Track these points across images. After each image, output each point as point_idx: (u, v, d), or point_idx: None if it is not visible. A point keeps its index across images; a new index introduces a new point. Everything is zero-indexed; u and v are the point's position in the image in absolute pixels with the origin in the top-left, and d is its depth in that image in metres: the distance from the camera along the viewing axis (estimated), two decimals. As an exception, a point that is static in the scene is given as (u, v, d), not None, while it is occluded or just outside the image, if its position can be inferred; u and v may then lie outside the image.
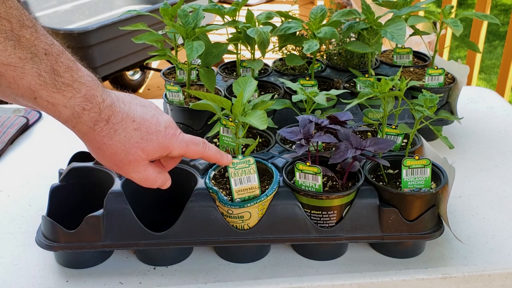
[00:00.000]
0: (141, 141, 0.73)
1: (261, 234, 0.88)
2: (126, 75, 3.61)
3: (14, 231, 0.99)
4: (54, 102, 0.66)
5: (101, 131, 0.70)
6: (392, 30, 1.13)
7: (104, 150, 0.72)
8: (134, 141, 0.72)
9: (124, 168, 0.74)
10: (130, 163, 0.74)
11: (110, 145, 0.71)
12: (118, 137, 0.71)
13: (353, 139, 0.89)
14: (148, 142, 0.73)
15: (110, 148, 0.71)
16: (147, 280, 0.88)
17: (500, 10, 5.00)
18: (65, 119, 0.68)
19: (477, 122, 1.40)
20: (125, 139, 0.72)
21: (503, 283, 0.91)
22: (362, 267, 0.91)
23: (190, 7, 1.18)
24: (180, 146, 0.77)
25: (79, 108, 0.67)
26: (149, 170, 0.76)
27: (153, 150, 0.74)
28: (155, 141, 0.74)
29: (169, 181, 0.81)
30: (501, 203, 1.07)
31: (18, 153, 1.27)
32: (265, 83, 1.27)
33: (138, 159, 0.74)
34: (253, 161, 0.86)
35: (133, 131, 0.72)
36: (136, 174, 0.75)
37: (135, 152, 0.73)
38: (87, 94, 0.68)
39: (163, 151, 0.76)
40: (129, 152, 0.73)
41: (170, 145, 0.76)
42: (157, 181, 0.78)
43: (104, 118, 0.70)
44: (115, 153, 0.72)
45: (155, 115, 0.76)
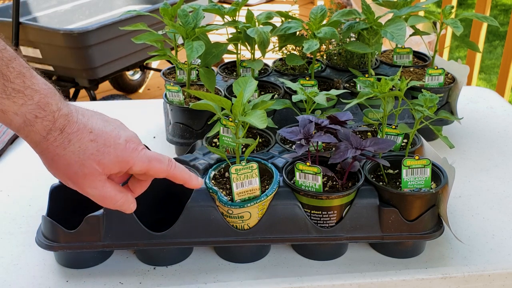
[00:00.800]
0: (97, 153, 0.69)
1: (261, 234, 0.88)
2: (126, 75, 3.61)
3: (14, 231, 0.99)
4: (3, 109, 0.63)
5: (54, 140, 0.67)
6: (392, 30, 1.13)
7: (57, 161, 0.68)
8: (89, 152, 0.69)
9: (79, 182, 0.70)
10: (85, 177, 0.69)
11: (63, 156, 0.68)
12: (72, 148, 0.68)
13: (353, 139, 0.89)
14: (105, 154, 0.69)
15: (63, 159, 0.68)
16: (147, 280, 0.88)
17: (500, 10, 5.00)
18: (17, 128, 0.66)
19: (477, 122, 1.40)
20: (80, 150, 0.68)
21: (503, 283, 0.91)
22: (362, 267, 0.91)
23: (190, 7, 1.18)
24: (141, 161, 0.72)
25: (31, 116, 0.65)
26: (107, 187, 0.72)
27: (110, 164, 0.70)
28: (112, 154, 0.70)
29: (133, 205, 0.76)
30: (501, 203, 1.07)
31: (18, 153, 1.27)
32: (265, 83, 1.27)
33: (94, 173, 0.69)
34: (256, 166, 0.86)
35: (88, 142, 0.69)
36: (93, 190, 0.71)
37: (90, 164, 0.69)
38: (41, 101, 0.65)
39: (121, 165, 0.71)
40: (84, 164, 0.69)
41: (130, 160, 0.71)
42: (117, 200, 0.73)
43: (58, 127, 0.67)
44: (69, 164, 0.68)
45: (116, 129, 0.72)
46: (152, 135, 1.32)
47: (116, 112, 1.48)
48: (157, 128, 1.34)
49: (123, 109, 1.51)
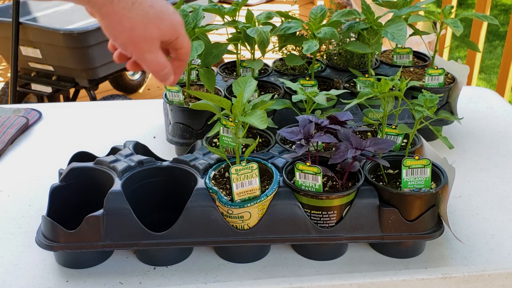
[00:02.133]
0: (156, 18, 0.74)
1: (261, 234, 0.88)
2: (126, 75, 3.60)
3: (14, 231, 0.99)
4: None
5: (119, 2, 0.71)
6: (393, 30, 1.13)
7: (123, 23, 0.72)
8: (151, 17, 0.73)
9: (140, 46, 0.75)
10: (146, 40, 0.74)
11: (129, 18, 0.72)
12: (136, 11, 0.72)
13: (353, 139, 0.89)
14: (163, 20, 0.75)
15: (129, 21, 0.72)
16: (147, 280, 0.88)
17: (500, 10, 5.00)
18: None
19: (477, 122, 1.40)
20: (143, 13, 0.73)
21: (503, 283, 0.91)
22: (362, 267, 0.91)
23: (190, 7, 1.18)
24: (184, 36, 0.79)
25: None
26: (161, 54, 0.77)
27: (166, 30, 0.75)
28: (167, 21, 0.75)
29: (172, 76, 0.81)
30: (501, 203, 1.07)
31: (18, 153, 1.27)
32: (265, 83, 1.27)
33: (154, 37, 0.75)
34: (256, 166, 0.87)
35: (149, 7, 0.73)
36: (150, 54, 0.76)
37: (151, 28, 0.74)
38: None
39: (173, 33, 0.77)
40: (146, 27, 0.73)
41: (179, 29, 0.77)
42: (166, 67, 0.79)
43: None
44: (134, 27, 0.73)
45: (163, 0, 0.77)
46: (152, 135, 1.32)
47: (116, 112, 1.48)
48: (157, 128, 1.34)
49: (123, 109, 1.51)
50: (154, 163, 0.96)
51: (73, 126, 1.39)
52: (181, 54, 0.82)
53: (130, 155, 0.96)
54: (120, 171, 0.91)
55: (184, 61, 0.83)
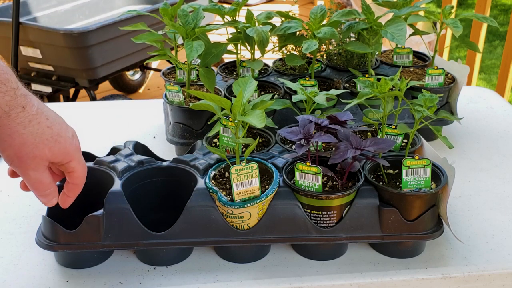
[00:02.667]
0: (50, 139, 0.74)
1: (261, 234, 0.88)
2: (126, 75, 3.61)
3: (14, 231, 0.99)
4: None
5: (16, 117, 0.70)
6: (393, 30, 1.13)
7: (14, 139, 0.71)
8: (45, 137, 0.73)
9: (26, 163, 0.74)
10: (34, 159, 0.73)
11: (21, 135, 0.71)
12: (31, 129, 0.72)
13: (353, 139, 0.89)
14: (56, 143, 0.74)
15: (20, 138, 0.71)
16: (147, 280, 0.88)
17: (500, 10, 5.00)
18: None
19: (477, 122, 1.40)
20: (37, 132, 0.72)
21: (503, 283, 0.91)
22: (362, 267, 0.91)
23: (190, 7, 1.18)
24: (78, 161, 0.79)
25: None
26: (46, 174, 0.77)
27: (58, 152, 0.75)
28: (62, 144, 0.75)
29: (55, 199, 0.81)
30: (501, 203, 1.07)
31: (18, 153, 1.27)
32: (265, 83, 1.27)
33: (43, 157, 0.74)
34: (256, 166, 0.87)
35: (45, 127, 0.73)
36: (34, 172, 0.75)
37: (43, 149, 0.73)
38: (1, 77, 0.68)
39: (65, 157, 0.77)
40: (38, 147, 0.73)
41: (72, 155, 0.78)
42: (49, 188, 0.78)
43: (20, 104, 0.70)
44: (24, 144, 0.72)
45: (64, 123, 0.78)
46: (152, 135, 1.32)
47: (116, 112, 1.48)
48: (157, 128, 1.34)
49: (123, 109, 1.51)
50: (154, 163, 0.96)
51: (73, 126, 1.39)
52: (73, 178, 0.81)
53: (130, 155, 0.96)
54: (120, 171, 0.91)
55: (77, 184, 0.82)
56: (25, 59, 2.93)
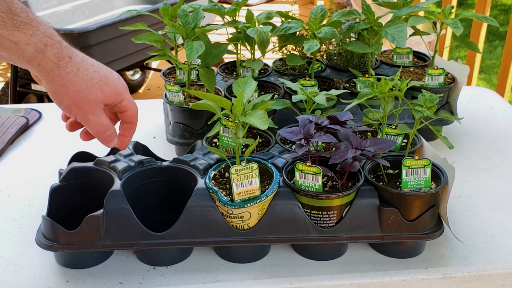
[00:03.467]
0: (100, 82, 0.79)
1: (261, 234, 0.88)
2: (126, 75, 3.60)
3: (14, 231, 0.99)
4: (16, 40, 0.70)
5: (65, 67, 0.75)
6: (393, 31, 1.13)
7: (68, 87, 0.76)
8: (95, 81, 0.78)
9: (84, 108, 0.79)
10: (90, 103, 0.79)
11: (74, 82, 0.76)
12: (81, 75, 0.77)
13: (353, 139, 0.89)
14: (106, 85, 0.80)
15: (74, 85, 0.76)
16: (147, 280, 0.88)
17: (500, 10, 5.00)
18: (29, 58, 0.72)
19: (477, 122, 1.40)
20: (87, 78, 0.77)
21: (503, 283, 0.91)
22: (362, 267, 0.91)
23: (190, 7, 1.18)
24: (129, 100, 0.84)
25: (41, 44, 0.72)
26: (104, 116, 0.82)
27: (109, 94, 0.80)
28: (111, 85, 0.80)
29: (116, 139, 0.86)
30: (501, 203, 1.07)
31: (18, 153, 1.27)
32: (265, 83, 1.27)
33: (97, 100, 0.79)
34: (256, 167, 0.87)
35: (93, 72, 0.78)
36: (93, 116, 0.80)
37: (95, 92, 0.78)
38: (47, 31, 0.73)
39: (117, 97, 0.82)
40: (91, 91, 0.78)
41: (122, 94, 0.83)
42: (109, 129, 0.83)
43: (67, 55, 0.75)
44: (78, 91, 0.77)
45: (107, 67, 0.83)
46: (152, 135, 1.32)
47: (116, 112, 1.48)
48: (157, 128, 1.34)
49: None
50: (154, 163, 0.96)
51: (73, 126, 1.39)
52: (126, 116, 0.86)
53: (130, 155, 0.97)
54: (120, 171, 0.91)
55: (132, 123, 0.87)
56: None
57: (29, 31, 0.71)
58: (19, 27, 0.70)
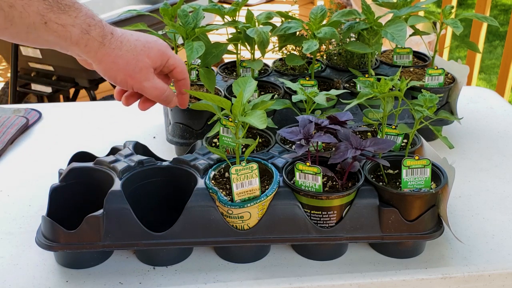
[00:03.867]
0: (144, 48, 0.83)
1: (261, 234, 0.88)
2: (126, 75, 3.60)
3: (14, 231, 0.99)
4: (62, 23, 0.73)
5: (110, 44, 0.79)
6: (393, 31, 1.13)
7: (118, 62, 0.80)
8: (139, 49, 0.82)
9: (137, 77, 0.83)
10: (141, 70, 0.83)
11: (121, 56, 0.80)
12: (125, 47, 0.81)
13: (353, 139, 0.89)
14: (150, 49, 0.83)
15: (122, 59, 0.80)
16: (147, 280, 0.88)
17: (500, 10, 5.00)
18: (76, 39, 0.76)
19: (477, 122, 1.40)
20: (131, 48, 0.81)
21: (503, 283, 0.91)
22: (362, 267, 0.91)
23: (190, 7, 1.18)
24: (174, 57, 0.88)
25: (85, 25, 0.76)
26: (157, 79, 0.86)
27: (155, 56, 0.84)
28: (155, 48, 0.84)
29: (175, 98, 0.91)
30: (501, 203, 1.07)
31: (18, 153, 1.27)
32: (265, 83, 1.26)
33: (146, 66, 0.83)
34: (256, 167, 0.87)
35: (134, 41, 0.82)
36: (147, 82, 0.84)
37: (143, 58, 0.82)
38: (88, 13, 0.77)
39: (163, 57, 0.86)
40: (138, 59, 0.82)
41: (167, 53, 0.86)
42: (165, 90, 0.87)
43: (109, 32, 0.79)
44: (128, 63, 0.81)
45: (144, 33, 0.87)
46: (152, 135, 1.32)
47: (116, 112, 1.48)
48: (157, 128, 1.34)
49: (123, 109, 1.51)
50: (154, 163, 0.96)
51: (73, 126, 1.39)
52: (176, 73, 0.90)
53: (130, 155, 0.96)
54: (120, 171, 0.91)
55: (183, 79, 0.91)
56: (25, 59, 2.93)
57: (74, 13, 0.74)
58: (64, 10, 0.73)
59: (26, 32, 0.72)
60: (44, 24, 0.72)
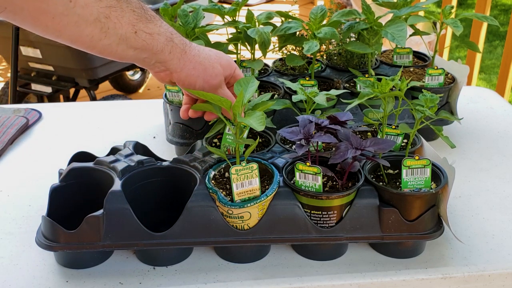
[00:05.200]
0: (216, 57, 0.89)
1: (261, 234, 0.88)
2: (126, 75, 3.60)
3: (14, 231, 0.99)
4: (150, 32, 0.78)
5: (190, 51, 0.85)
6: (393, 31, 1.13)
7: (198, 68, 0.85)
8: (213, 57, 0.88)
9: (213, 84, 0.88)
10: (216, 77, 0.88)
11: (200, 62, 0.86)
12: (203, 55, 0.86)
13: (353, 139, 0.89)
14: (221, 58, 0.90)
15: (201, 65, 0.86)
16: (147, 280, 0.88)
17: (500, 10, 5.00)
18: (162, 47, 0.81)
19: (477, 122, 1.40)
20: (207, 55, 0.87)
21: (503, 283, 0.91)
22: (362, 267, 0.91)
23: (190, 7, 1.18)
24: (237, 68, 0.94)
25: (169, 33, 0.81)
26: (226, 89, 0.92)
27: (225, 65, 0.90)
28: (224, 57, 0.91)
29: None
30: (501, 203, 1.07)
31: (18, 153, 1.27)
32: (265, 83, 1.26)
33: (219, 73, 0.89)
34: (256, 167, 0.87)
35: (209, 51, 0.89)
36: (221, 90, 0.90)
37: (217, 66, 0.88)
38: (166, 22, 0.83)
39: (231, 67, 0.92)
40: (213, 66, 0.87)
41: (232, 63, 0.92)
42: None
43: (186, 41, 0.85)
44: (206, 69, 0.86)
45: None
46: (152, 135, 1.32)
47: (116, 112, 1.48)
48: (157, 128, 1.34)
49: (123, 109, 1.51)
50: (154, 163, 0.96)
51: (73, 126, 1.39)
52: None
53: (130, 155, 0.96)
54: (120, 171, 0.91)
55: None
56: (25, 59, 2.93)
57: (158, 23, 0.80)
58: (150, 20, 0.79)
59: (117, 43, 0.76)
60: (134, 34, 0.76)
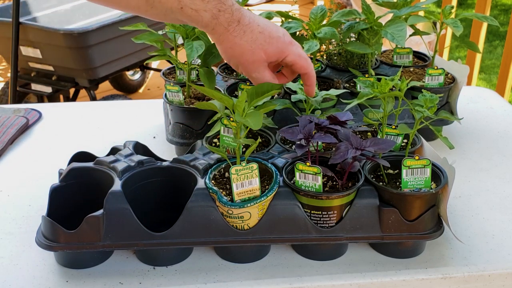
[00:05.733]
0: (264, 43, 0.85)
1: (261, 234, 0.88)
2: (126, 75, 3.61)
3: (14, 231, 0.99)
4: (196, 8, 0.79)
5: (233, 31, 0.83)
6: (393, 31, 1.13)
7: (235, 49, 0.85)
8: (259, 42, 0.85)
9: (248, 67, 0.87)
10: (254, 63, 0.86)
11: (240, 45, 0.84)
12: (246, 38, 0.84)
13: (353, 139, 0.89)
14: (269, 45, 0.86)
15: (239, 47, 0.84)
16: (147, 280, 0.88)
17: (500, 10, 5.00)
18: (206, 23, 0.81)
19: (477, 122, 1.40)
20: (251, 40, 0.84)
21: (503, 283, 0.91)
22: (362, 267, 0.91)
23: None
24: (293, 54, 0.90)
25: (216, 10, 0.81)
26: (267, 73, 0.89)
27: (272, 53, 0.87)
28: (274, 45, 0.86)
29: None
30: (501, 203, 1.07)
31: (18, 153, 1.27)
32: (265, 83, 1.26)
33: (260, 60, 0.86)
34: (256, 167, 0.87)
35: (258, 33, 0.85)
36: (256, 74, 0.88)
37: (259, 53, 0.86)
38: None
39: (279, 55, 0.88)
40: (254, 52, 0.85)
41: (286, 51, 0.88)
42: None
43: (235, 19, 0.83)
44: (243, 53, 0.85)
45: (274, 24, 0.89)
46: (152, 135, 1.32)
47: (116, 112, 1.48)
48: (157, 128, 1.34)
49: (123, 109, 1.51)
50: (154, 163, 0.96)
51: (73, 126, 1.40)
52: (297, 69, 0.93)
53: (130, 155, 0.97)
54: (120, 171, 0.91)
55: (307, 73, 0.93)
56: (25, 59, 2.93)
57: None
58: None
59: (164, 14, 0.80)
60: (180, 9, 0.78)
